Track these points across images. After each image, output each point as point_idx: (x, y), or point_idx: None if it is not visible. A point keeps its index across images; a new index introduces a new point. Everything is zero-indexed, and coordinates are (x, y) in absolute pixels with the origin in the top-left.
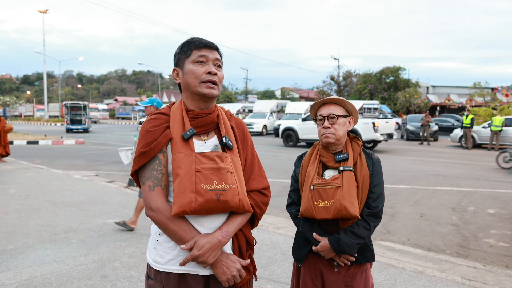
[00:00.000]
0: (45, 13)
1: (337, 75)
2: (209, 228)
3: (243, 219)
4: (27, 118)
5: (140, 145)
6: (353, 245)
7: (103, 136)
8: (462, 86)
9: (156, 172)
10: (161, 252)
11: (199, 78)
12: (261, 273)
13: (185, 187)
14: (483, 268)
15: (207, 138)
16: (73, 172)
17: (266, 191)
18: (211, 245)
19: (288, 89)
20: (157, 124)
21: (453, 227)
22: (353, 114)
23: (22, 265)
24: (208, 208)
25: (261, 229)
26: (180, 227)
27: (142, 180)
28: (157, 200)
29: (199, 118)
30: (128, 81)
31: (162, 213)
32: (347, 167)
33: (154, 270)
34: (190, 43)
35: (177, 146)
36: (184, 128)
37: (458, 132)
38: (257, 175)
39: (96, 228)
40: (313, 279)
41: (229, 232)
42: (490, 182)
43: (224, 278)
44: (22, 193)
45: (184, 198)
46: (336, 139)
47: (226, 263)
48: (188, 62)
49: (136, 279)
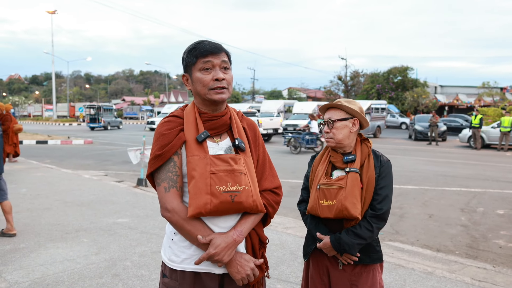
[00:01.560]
0: (54, 13)
1: (345, 75)
2: (223, 228)
3: (256, 218)
4: (35, 118)
5: (155, 148)
6: (354, 245)
7: (111, 136)
8: (471, 86)
9: (171, 173)
10: (176, 251)
11: (207, 86)
12: (270, 273)
13: (200, 189)
14: (493, 269)
15: (220, 140)
16: (82, 171)
17: (278, 190)
18: (227, 244)
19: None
20: (171, 127)
21: (462, 228)
22: (355, 115)
23: (34, 263)
24: (223, 209)
25: (270, 229)
26: (195, 227)
27: (157, 182)
28: (172, 201)
29: (212, 121)
30: (136, 81)
31: (177, 214)
32: (353, 168)
33: (169, 268)
34: (195, 51)
35: (191, 148)
36: (198, 130)
37: (467, 132)
38: (268, 174)
39: (106, 227)
40: (321, 275)
41: (243, 231)
42: (499, 182)
43: (238, 277)
44: (33, 192)
45: (200, 200)
46: (335, 142)
47: (240, 262)
48: (195, 70)
49: (147, 278)
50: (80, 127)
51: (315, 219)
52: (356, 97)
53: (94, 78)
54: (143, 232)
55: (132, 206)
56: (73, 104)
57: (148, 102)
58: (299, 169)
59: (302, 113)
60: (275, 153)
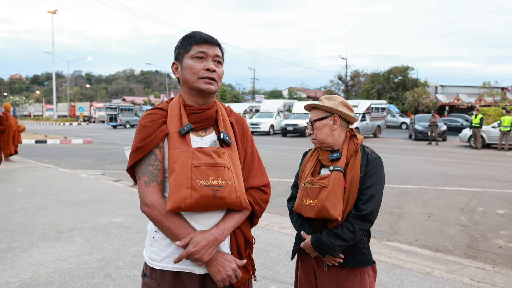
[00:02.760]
0: (54, 13)
1: (345, 75)
2: (205, 226)
3: (241, 216)
4: (36, 117)
5: (136, 140)
6: (334, 247)
7: (111, 135)
8: (472, 86)
9: (152, 167)
10: (156, 249)
11: (197, 74)
12: (265, 273)
13: (180, 183)
14: (492, 270)
15: (205, 134)
16: (80, 171)
17: (266, 188)
18: (207, 242)
19: (295, 89)
20: (154, 119)
21: (462, 227)
22: (334, 112)
23: (25, 263)
24: (204, 204)
25: (266, 229)
26: (175, 223)
27: (137, 176)
28: (152, 195)
29: (197, 114)
30: (136, 81)
31: (156, 209)
32: (337, 167)
33: (149, 267)
34: (191, 38)
35: (173, 141)
36: (182, 123)
37: (467, 132)
38: (257, 171)
39: (101, 227)
40: (308, 276)
41: (226, 229)
42: (500, 182)
43: (219, 278)
44: (29, 191)
45: (179, 193)
46: (318, 142)
47: (221, 262)
48: (188, 57)
49: (139, 278)
50: (80, 127)
51: (301, 218)
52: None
53: (95, 78)
54: (138, 232)
55: (128, 205)
56: (74, 104)
57: (149, 102)
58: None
59: (302, 113)
60: (273, 152)
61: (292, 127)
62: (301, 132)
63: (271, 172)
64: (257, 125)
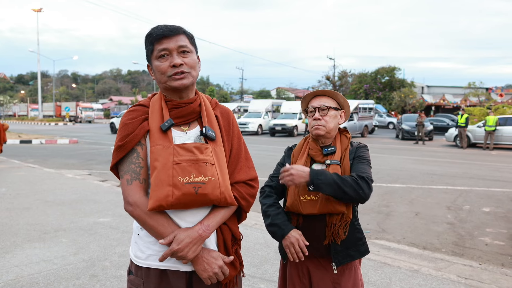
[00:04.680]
0: (39, 11)
1: (333, 75)
2: (190, 222)
3: (226, 212)
4: (21, 117)
5: (117, 139)
6: (331, 181)
7: (98, 135)
8: (457, 86)
9: (134, 165)
10: (141, 247)
11: (166, 74)
12: (254, 272)
13: (161, 181)
14: (479, 267)
15: (188, 129)
16: (65, 171)
17: (253, 182)
18: (191, 239)
19: (283, 89)
20: (135, 116)
21: (449, 225)
22: (344, 107)
23: (9, 264)
24: (186, 202)
25: (254, 228)
26: (158, 221)
27: (120, 174)
28: (134, 194)
29: (178, 108)
30: (123, 81)
31: (139, 208)
32: (334, 160)
33: (135, 265)
34: (150, 37)
35: (154, 138)
36: (163, 119)
37: (453, 132)
38: (243, 165)
39: (87, 227)
40: (300, 277)
41: (211, 226)
42: (485, 181)
43: (205, 275)
44: (13, 192)
45: (161, 192)
46: (326, 131)
47: (207, 259)
48: (154, 58)
49: (125, 279)
50: (66, 127)
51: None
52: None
53: (81, 77)
54: (125, 232)
55: (115, 205)
56: (60, 104)
57: (136, 101)
58: None
59: (290, 113)
60: (261, 151)
61: (280, 127)
62: (289, 132)
63: (260, 171)
64: (245, 125)
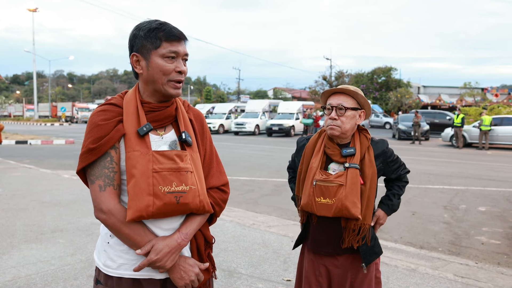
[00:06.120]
0: (35, 11)
1: (329, 75)
2: (167, 230)
3: (202, 219)
4: (16, 118)
5: (88, 140)
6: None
7: None
8: (453, 87)
9: (108, 170)
10: (112, 255)
11: (168, 76)
12: (252, 271)
13: (141, 190)
14: (475, 265)
15: (164, 133)
16: (62, 171)
17: (225, 188)
18: (170, 248)
19: (280, 89)
20: (108, 117)
21: (445, 225)
22: (365, 107)
23: (5, 265)
24: (167, 211)
25: (252, 228)
26: (134, 230)
27: (90, 179)
28: (109, 201)
29: (156, 112)
30: (120, 81)
31: (114, 216)
32: (353, 164)
33: (104, 274)
34: (159, 31)
35: (131, 143)
36: (140, 122)
37: (449, 132)
38: (216, 171)
39: (84, 227)
40: (317, 276)
41: (189, 234)
42: (481, 180)
43: (181, 283)
44: (9, 192)
45: (141, 202)
46: (341, 132)
47: (184, 267)
48: (156, 54)
49: None
50: (62, 127)
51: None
52: None
53: (77, 77)
54: None
55: None
56: (55, 104)
57: None
58: (283, 168)
59: (287, 113)
60: (258, 152)
61: (277, 127)
62: (286, 132)
63: (257, 171)
64: (242, 125)
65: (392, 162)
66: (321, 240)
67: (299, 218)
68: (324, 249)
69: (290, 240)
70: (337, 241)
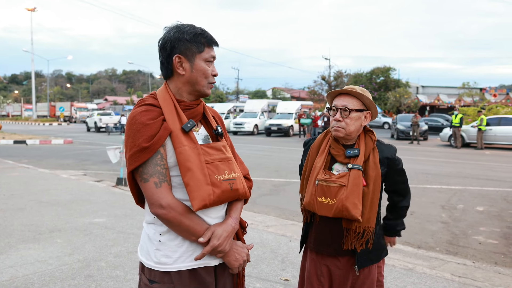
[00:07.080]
0: (33, 11)
1: (328, 75)
2: (216, 218)
3: (242, 204)
4: (14, 117)
5: (140, 139)
6: (403, 222)
7: (92, 135)
8: (452, 87)
9: (160, 167)
10: (167, 252)
11: (208, 79)
12: (250, 271)
13: (199, 181)
14: (473, 265)
15: (198, 129)
16: (60, 171)
17: (249, 176)
18: (228, 233)
19: (279, 89)
20: (153, 116)
21: (443, 224)
22: (371, 108)
23: (3, 265)
24: (223, 198)
25: (250, 227)
26: (193, 221)
27: (144, 177)
28: (166, 196)
29: (191, 109)
30: (119, 81)
31: (174, 210)
32: (356, 165)
33: (159, 272)
34: (202, 37)
35: (179, 139)
36: (181, 120)
37: (448, 132)
38: (239, 161)
39: (82, 227)
40: (318, 276)
41: (238, 218)
42: (479, 180)
43: (236, 265)
44: (7, 192)
45: (202, 191)
46: (345, 133)
47: (236, 250)
48: (200, 58)
49: (121, 279)
50: (60, 127)
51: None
52: None
53: (76, 77)
54: (120, 232)
55: (110, 205)
56: (54, 104)
57: (131, 101)
58: (282, 168)
59: (285, 113)
60: (257, 152)
61: (276, 127)
62: (285, 132)
63: (256, 171)
64: (241, 125)
65: (398, 172)
66: (323, 240)
67: (297, 218)
68: (326, 249)
69: (288, 240)
70: (339, 241)
